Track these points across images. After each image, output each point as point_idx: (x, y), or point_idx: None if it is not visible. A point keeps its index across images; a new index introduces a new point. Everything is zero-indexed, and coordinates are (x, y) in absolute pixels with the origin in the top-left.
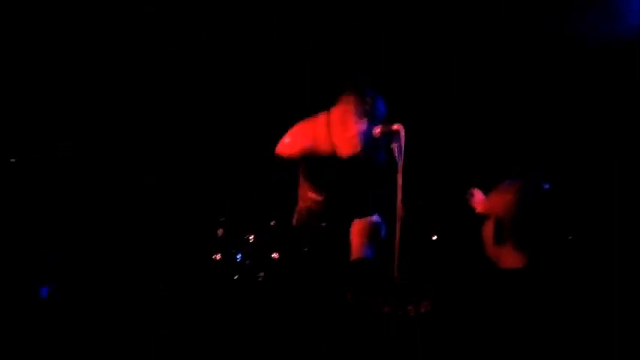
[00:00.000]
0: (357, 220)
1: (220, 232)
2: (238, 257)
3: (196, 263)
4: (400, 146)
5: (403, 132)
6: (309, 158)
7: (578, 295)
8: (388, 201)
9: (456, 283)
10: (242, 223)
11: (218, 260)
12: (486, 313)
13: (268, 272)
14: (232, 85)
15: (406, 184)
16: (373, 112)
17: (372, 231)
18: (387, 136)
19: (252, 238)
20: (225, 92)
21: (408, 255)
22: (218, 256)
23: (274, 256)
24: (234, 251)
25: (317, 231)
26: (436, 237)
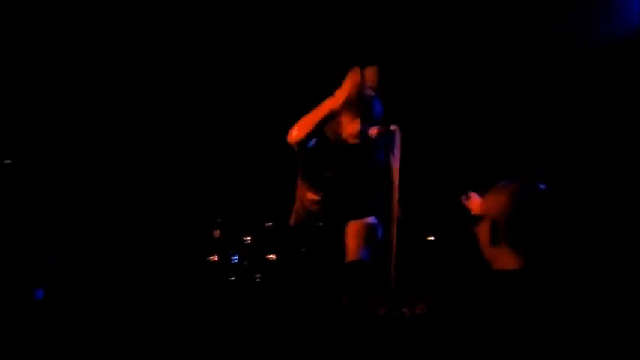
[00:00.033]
0: (353, 221)
1: (217, 233)
2: (235, 258)
3: (196, 263)
4: (397, 147)
5: (399, 133)
6: (309, 157)
7: (574, 295)
8: (387, 201)
9: (451, 284)
10: (240, 223)
11: (215, 261)
12: (482, 314)
13: (265, 273)
14: (232, 85)
15: (405, 184)
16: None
17: (368, 233)
18: (385, 137)
19: (249, 239)
20: (225, 92)
21: (404, 256)
22: (215, 257)
23: (271, 257)
24: (232, 252)
25: (314, 231)
26: (432, 238)
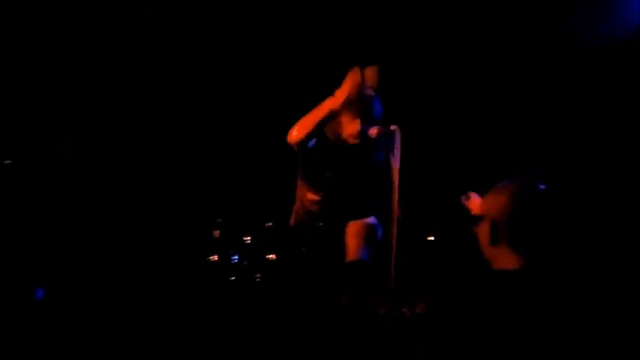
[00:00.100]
0: (353, 221)
1: (217, 233)
2: (235, 258)
3: (196, 263)
4: (397, 147)
5: (399, 133)
6: (310, 157)
7: (573, 296)
8: (387, 201)
9: (451, 284)
10: (240, 223)
11: (215, 261)
12: (481, 313)
13: (265, 273)
14: (232, 85)
15: (406, 184)
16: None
17: (367, 233)
18: (385, 137)
19: (249, 239)
20: (225, 92)
21: (404, 256)
22: (215, 257)
23: (271, 257)
24: (232, 252)
25: (314, 231)
26: (432, 238)
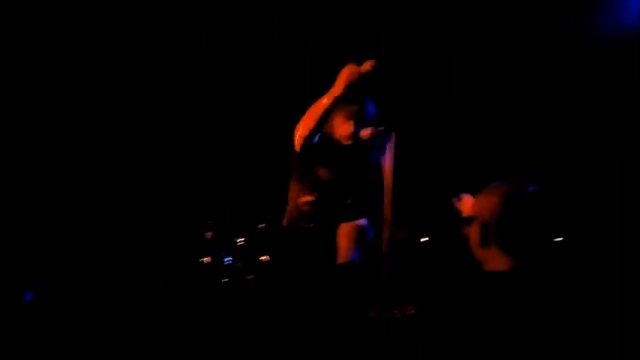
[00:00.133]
0: (344, 224)
1: (209, 235)
2: (228, 260)
3: (194, 263)
4: (390, 148)
5: (393, 134)
6: (316, 153)
7: (565, 297)
8: (381, 202)
9: (443, 285)
10: (238, 224)
11: (209, 262)
12: (472, 315)
13: (258, 275)
14: (232, 85)
15: (405, 184)
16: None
17: (357, 235)
18: (378, 138)
19: (242, 240)
20: (225, 92)
21: (403, 256)
22: (208, 259)
23: (264, 258)
24: (225, 253)
25: (307, 232)
26: (425, 239)
